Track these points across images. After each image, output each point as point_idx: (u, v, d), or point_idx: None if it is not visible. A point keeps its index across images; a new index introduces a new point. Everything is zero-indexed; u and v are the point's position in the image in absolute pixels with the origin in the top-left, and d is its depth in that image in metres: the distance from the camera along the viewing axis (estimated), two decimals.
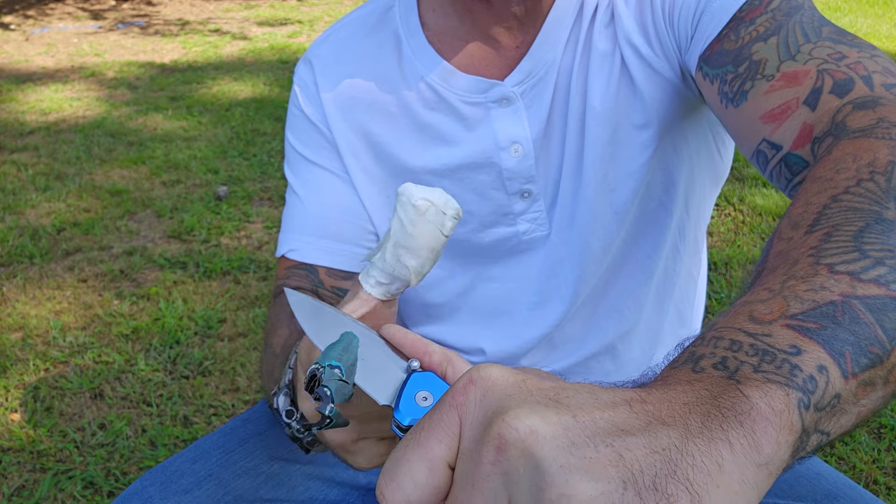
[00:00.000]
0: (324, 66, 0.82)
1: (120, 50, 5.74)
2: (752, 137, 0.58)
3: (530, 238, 0.79)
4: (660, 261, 0.81)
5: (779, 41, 0.58)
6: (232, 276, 2.33)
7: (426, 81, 0.77)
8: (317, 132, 0.82)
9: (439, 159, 0.78)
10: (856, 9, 7.17)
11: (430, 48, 0.77)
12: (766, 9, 0.61)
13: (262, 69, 5.03)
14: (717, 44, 0.64)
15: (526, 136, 0.75)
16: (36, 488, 1.50)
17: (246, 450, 0.75)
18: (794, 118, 0.54)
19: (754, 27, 0.60)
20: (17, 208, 2.83)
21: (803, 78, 0.55)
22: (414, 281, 0.48)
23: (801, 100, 0.54)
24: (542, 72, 0.74)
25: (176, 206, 2.84)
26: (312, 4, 7.67)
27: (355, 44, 0.82)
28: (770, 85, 0.57)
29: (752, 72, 0.58)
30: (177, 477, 0.70)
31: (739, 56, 0.60)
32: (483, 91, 0.75)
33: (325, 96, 0.81)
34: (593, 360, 0.84)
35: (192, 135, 3.69)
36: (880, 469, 1.54)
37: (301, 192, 0.82)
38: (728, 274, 2.30)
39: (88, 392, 1.79)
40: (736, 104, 0.59)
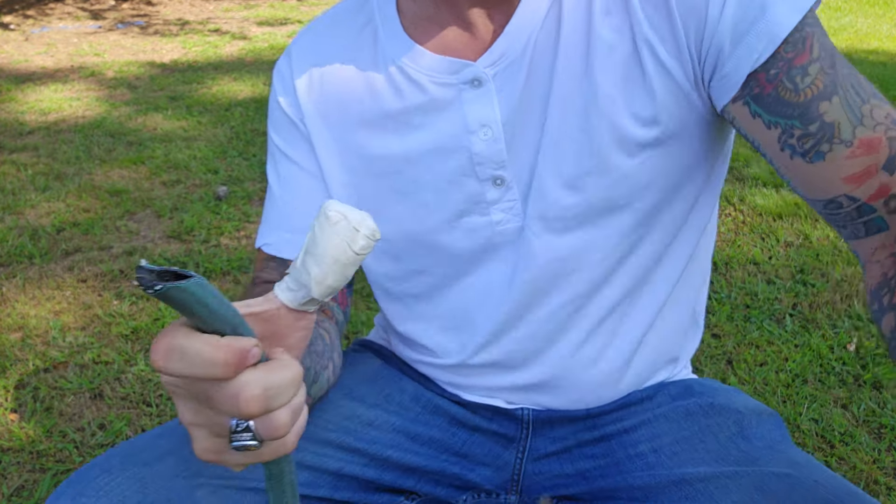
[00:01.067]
0: (301, 57, 0.83)
1: (119, 50, 5.74)
2: (828, 190, 0.66)
3: (504, 229, 0.78)
4: (650, 264, 0.80)
5: (842, 102, 0.65)
6: (232, 277, 2.32)
7: (397, 65, 0.77)
8: (291, 125, 0.83)
9: (407, 144, 0.78)
10: (856, 9, 7.17)
11: (403, 33, 0.77)
12: (812, 56, 0.66)
13: (262, 69, 5.03)
14: (767, 84, 0.66)
15: (496, 118, 0.74)
16: (35, 488, 1.50)
17: None
18: (874, 179, 0.64)
19: (812, 81, 0.65)
20: (16, 208, 2.82)
21: (878, 146, 0.64)
22: (316, 290, 0.48)
23: (879, 166, 0.64)
24: (516, 53, 0.73)
25: (176, 206, 2.84)
26: (312, 4, 7.67)
27: (333, 34, 0.82)
28: (850, 151, 0.64)
29: (826, 134, 0.65)
30: (138, 451, 0.71)
31: (807, 114, 0.65)
32: (454, 72, 0.74)
33: (301, 89, 0.82)
34: (569, 361, 0.83)
35: (191, 135, 3.69)
36: (881, 469, 1.54)
37: (275, 186, 0.85)
38: (728, 274, 2.30)
39: (88, 392, 1.79)
40: (810, 160, 0.66)
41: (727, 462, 0.76)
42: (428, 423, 0.87)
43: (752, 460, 0.75)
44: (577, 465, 0.85)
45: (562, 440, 0.86)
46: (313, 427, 0.81)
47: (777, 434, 0.80)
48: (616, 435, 0.84)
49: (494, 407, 0.87)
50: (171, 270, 0.41)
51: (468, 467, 0.87)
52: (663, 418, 0.84)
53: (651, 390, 0.87)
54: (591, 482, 0.84)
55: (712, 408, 0.83)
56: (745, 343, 1.95)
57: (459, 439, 0.88)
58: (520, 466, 0.87)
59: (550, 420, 0.86)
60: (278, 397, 0.46)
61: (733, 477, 0.73)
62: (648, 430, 0.83)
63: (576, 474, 0.85)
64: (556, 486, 0.86)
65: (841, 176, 0.65)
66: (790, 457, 0.75)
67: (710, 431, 0.80)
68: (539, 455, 0.87)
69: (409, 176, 0.79)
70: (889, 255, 0.65)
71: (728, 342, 1.95)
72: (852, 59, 5.05)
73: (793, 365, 1.86)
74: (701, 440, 0.80)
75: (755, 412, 0.83)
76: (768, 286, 2.22)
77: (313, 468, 0.79)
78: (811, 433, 1.64)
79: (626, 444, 0.83)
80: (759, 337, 1.98)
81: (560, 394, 0.84)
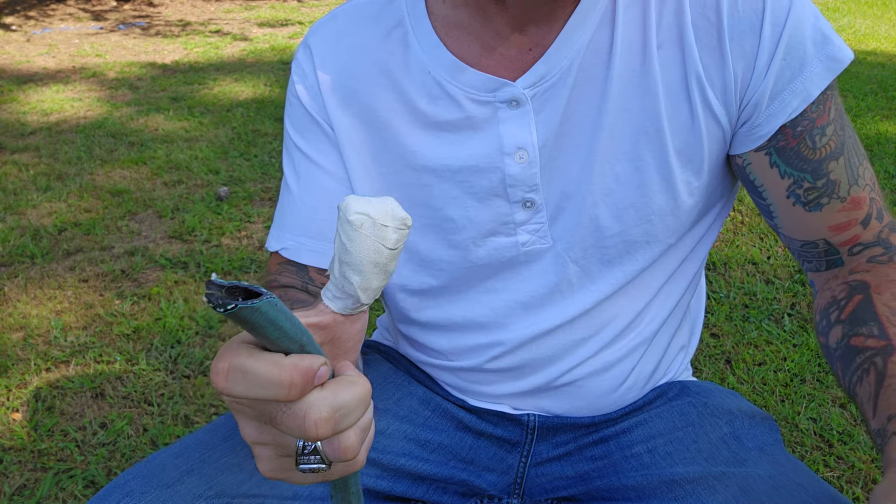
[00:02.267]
0: (323, 53, 0.79)
1: (121, 51, 5.75)
2: (811, 234, 0.76)
3: (530, 250, 0.77)
4: (667, 282, 0.82)
5: (846, 163, 0.73)
6: (233, 277, 2.33)
7: (432, 75, 0.74)
8: (314, 123, 0.79)
9: (441, 159, 0.75)
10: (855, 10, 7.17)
11: (436, 39, 0.74)
12: (830, 118, 0.72)
13: (263, 70, 5.04)
14: (792, 139, 0.71)
15: (532, 142, 0.73)
16: (37, 487, 1.51)
17: (230, 446, 0.74)
18: (851, 230, 0.75)
19: (827, 140, 0.72)
20: (18, 208, 2.83)
21: (863, 204, 0.74)
22: (363, 297, 0.46)
23: (859, 220, 0.74)
24: (556, 76, 0.71)
25: (177, 206, 2.85)
26: (313, 5, 7.67)
27: (357, 30, 0.78)
28: (842, 206, 0.74)
29: (829, 189, 0.73)
30: (159, 471, 0.70)
31: (819, 171, 0.73)
32: (492, 90, 0.72)
33: (325, 86, 0.78)
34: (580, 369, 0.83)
35: (193, 135, 3.69)
36: (879, 469, 1.54)
37: (294, 187, 0.81)
38: (727, 274, 2.31)
39: (89, 391, 1.80)
40: (808, 209, 0.74)
41: (716, 463, 0.76)
42: (437, 428, 0.87)
43: (741, 461, 0.76)
44: (577, 468, 0.86)
45: (564, 445, 0.87)
46: None
47: (769, 437, 0.81)
48: (614, 436, 0.85)
49: (500, 412, 0.87)
50: (241, 286, 0.39)
51: (475, 473, 0.87)
52: (658, 419, 0.84)
53: (652, 394, 0.88)
54: (589, 483, 0.84)
55: (706, 408, 0.84)
56: (743, 343, 1.96)
57: (466, 444, 0.88)
58: (523, 470, 0.88)
59: (555, 427, 0.86)
60: (347, 418, 0.44)
61: (720, 478, 0.74)
62: (644, 430, 0.84)
63: (575, 476, 0.86)
64: (555, 489, 0.87)
65: (828, 225, 0.74)
66: (777, 459, 0.76)
67: (702, 432, 0.81)
68: (541, 460, 0.87)
69: (437, 190, 0.77)
70: (841, 283, 0.75)
71: (727, 342, 1.96)
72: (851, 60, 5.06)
73: (791, 364, 1.86)
74: (693, 440, 0.80)
75: (748, 415, 0.84)
76: (767, 286, 2.22)
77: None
78: (809, 432, 1.65)
79: (623, 446, 0.84)
80: (757, 337, 1.98)
81: (565, 400, 0.85)
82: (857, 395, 0.67)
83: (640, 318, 0.82)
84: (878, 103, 4.00)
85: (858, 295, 0.72)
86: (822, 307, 0.75)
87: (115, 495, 0.67)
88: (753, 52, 0.69)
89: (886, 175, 3.01)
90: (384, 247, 0.44)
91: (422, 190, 0.77)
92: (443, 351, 0.86)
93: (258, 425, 0.46)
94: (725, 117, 0.72)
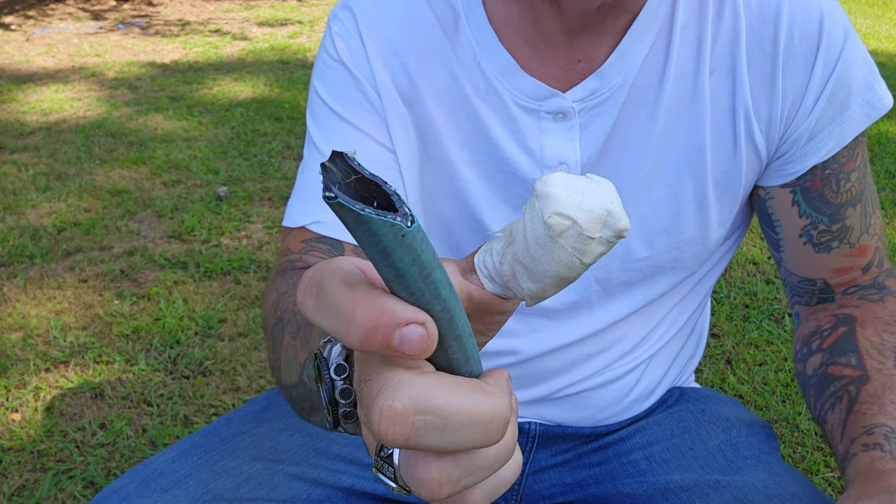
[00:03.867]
0: (371, 16, 0.72)
1: (120, 50, 5.75)
2: (814, 272, 0.76)
3: None
4: (678, 304, 0.82)
5: (862, 211, 0.73)
6: (232, 277, 2.33)
7: (482, 68, 0.70)
8: (356, 87, 0.71)
9: (478, 158, 0.72)
10: (855, 9, 7.17)
11: (491, 31, 0.69)
12: (856, 164, 0.72)
13: (263, 70, 5.04)
14: (820, 182, 0.71)
15: (575, 158, 0.70)
16: (36, 488, 1.51)
17: (227, 449, 0.74)
18: (851, 274, 0.75)
19: (850, 186, 0.72)
20: (17, 208, 2.83)
21: (868, 252, 0.75)
22: (529, 301, 0.35)
23: (861, 266, 0.75)
24: (607, 93, 0.69)
25: (176, 206, 2.85)
26: (313, 5, 7.67)
27: (404, 2, 0.72)
28: (850, 251, 0.74)
29: (842, 234, 0.73)
30: (156, 475, 0.69)
31: (837, 215, 0.73)
32: (541, 98, 0.69)
33: (371, 50, 0.71)
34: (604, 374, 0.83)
35: (192, 135, 3.69)
36: None
37: (328, 151, 0.71)
38: (727, 274, 2.30)
39: (89, 392, 1.80)
40: (818, 251, 0.74)
41: (712, 470, 0.76)
42: None
43: (736, 470, 0.75)
44: (576, 475, 0.86)
45: (563, 453, 0.87)
46: (326, 441, 0.79)
47: (766, 445, 0.80)
48: (613, 444, 0.85)
49: None
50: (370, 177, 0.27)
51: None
52: (657, 425, 0.84)
53: (655, 405, 0.88)
54: (586, 489, 0.84)
55: (704, 415, 0.84)
56: (744, 343, 1.96)
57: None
58: (521, 477, 0.87)
59: (555, 435, 0.86)
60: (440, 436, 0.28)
61: (715, 486, 0.73)
62: (642, 437, 0.84)
63: (573, 483, 0.86)
64: (552, 495, 0.87)
65: (832, 267, 0.75)
66: (773, 468, 0.76)
67: (699, 439, 0.81)
68: (540, 467, 0.87)
69: (472, 188, 0.73)
70: (829, 314, 0.76)
71: (727, 342, 1.96)
72: None
73: (792, 364, 1.86)
74: (690, 447, 0.80)
75: (746, 423, 0.83)
76: (767, 286, 2.22)
77: (327, 485, 0.77)
78: (810, 433, 1.64)
79: (621, 452, 0.83)
80: (758, 337, 1.98)
81: (568, 410, 0.84)
82: (827, 423, 0.67)
83: (649, 336, 0.82)
84: None
85: (843, 327, 0.73)
86: (805, 335, 0.76)
87: (112, 499, 0.67)
88: (803, 90, 0.68)
89: (887, 175, 3.01)
90: (581, 261, 0.32)
91: (457, 184, 0.73)
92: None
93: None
94: (765, 150, 0.71)
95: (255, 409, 0.81)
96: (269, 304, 0.68)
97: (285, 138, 3.61)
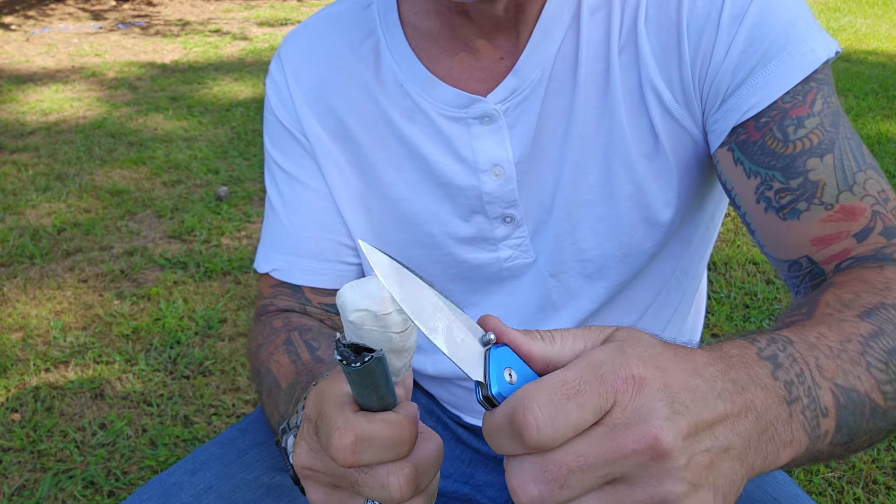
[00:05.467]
0: (296, 66, 0.77)
1: (120, 50, 5.75)
2: (792, 251, 0.64)
3: (513, 265, 0.75)
4: (659, 294, 0.79)
5: (834, 162, 0.62)
6: (232, 277, 2.33)
7: (404, 88, 0.72)
8: (292, 139, 0.77)
9: (415, 177, 0.74)
10: (855, 9, 7.17)
11: (409, 51, 0.72)
12: (812, 110, 0.62)
13: (263, 69, 5.04)
14: (755, 132, 0.63)
15: (508, 157, 0.71)
16: (36, 488, 1.51)
17: (245, 461, 0.74)
18: (839, 244, 0.62)
19: (805, 133, 0.62)
20: (17, 208, 2.83)
21: (860, 215, 0.61)
22: (397, 374, 0.47)
23: (851, 233, 0.61)
24: (527, 90, 0.69)
25: (176, 206, 2.85)
26: (312, 5, 7.67)
27: (329, 41, 0.76)
28: (828, 214, 0.61)
29: (807, 192, 0.62)
30: (176, 490, 0.69)
31: (792, 167, 0.62)
32: (464, 106, 0.70)
33: (298, 99, 0.76)
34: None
35: (192, 135, 3.69)
36: (879, 469, 1.54)
37: (278, 206, 0.79)
38: (728, 274, 2.30)
39: (89, 392, 1.80)
40: (783, 217, 0.63)
41: None
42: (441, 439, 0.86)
43: None
44: None
45: None
46: None
47: None
48: None
49: None
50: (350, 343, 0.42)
51: (476, 487, 0.87)
52: None
53: None
54: None
55: None
56: None
57: (467, 457, 0.87)
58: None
59: None
60: (424, 478, 0.44)
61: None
62: None
63: None
64: None
65: (810, 238, 0.63)
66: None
67: None
68: None
69: (416, 206, 0.75)
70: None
71: None
72: (851, 60, 5.06)
73: None
74: None
75: None
76: (767, 286, 2.22)
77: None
78: None
79: None
80: None
81: None
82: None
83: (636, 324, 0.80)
84: (878, 103, 4.00)
85: (815, 292, 0.62)
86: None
87: None
88: (710, 46, 0.64)
89: (887, 175, 3.01)
90: (394, 333, 0.43)
91: (399, 206, 0.76)
92: (426, 370, 0.84)
93: (328, 490, 0.46)
94: (689, 119, 0.68)
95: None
96: (251, 350, 0.77)
97: None
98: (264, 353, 0.72)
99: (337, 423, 0.42)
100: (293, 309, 0.78)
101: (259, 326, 0.77)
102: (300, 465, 0.44)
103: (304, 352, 0.69)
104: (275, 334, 0.73)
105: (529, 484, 0.36)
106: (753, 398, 0.40)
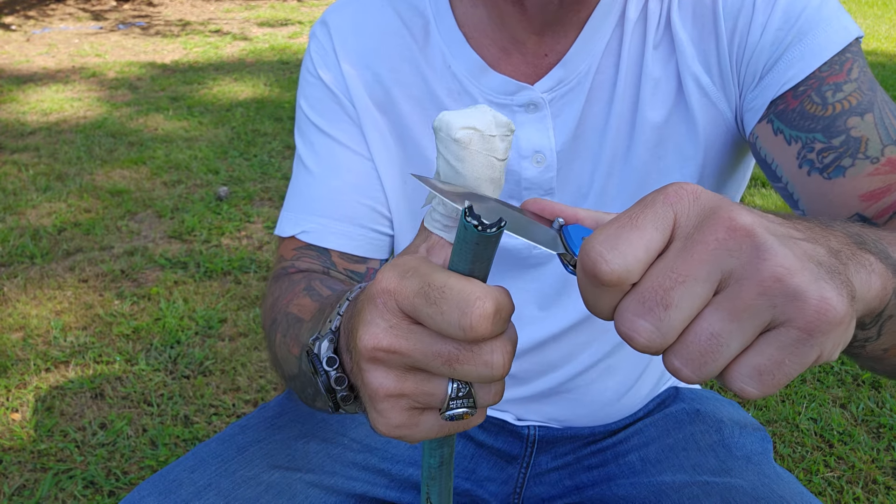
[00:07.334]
0: (343, 34, 0.77)
1: (121, 50, 5.75)
2: (841, 211, 0.63)
3: (541, 252, 0.76)
4: None
5: (875, 120, 0.62)
6: (232, 277, 2.33)
7: (452, 70, 0.74)
8: (335, 102, 0.77)
9: None
10: (855, 10, 7.17)
11: (460, 35, 0.73)
12: (849, 77, 0.64)
13: (263, 70, 5.04)
14: (793, 100, 0.65)
15: (550, 146, 0.73)
16: (37, 488, 1.51)
17: (245, 458, 0.74)
18: (890, 196, 0.61)
19: (844, 96, 0.63)
20: (17, 208, 2.83)
21: None
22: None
23: None
24: (574, 81, 0.71)
25: (177, 206, 2.85)
26: (313, 5, 7.67)
27: (379, 13, 0.77)
28: (875, 168, 0.61)
29: (851, 148, 0.62)
30: (175, 486, 0.69)
31: (833, 127, 0.62)
32: (511, 93, 0.72)
33: (345, 64, 0.76)
34: (589, 372, 0.83)
35: (192, 135, 3.69)
36: (879, 468, 1.54)
37: (314, 167, 0.77)
38: None
39: (89, 392, 1.80)
40: (827, 176, 0.63)
41: (702, 471, 0.76)
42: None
43: (726, 471, 0.75)
44: (576, 478, 0.86)
45: (563, 456, 0.87)
46: (341, 448, 0.80)
47: (758, 447, 0.81)
48: (611, 446, 0.85)
49: (502, 422, 0.87)
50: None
51: (478, 482, 0.87)
52: (653, 426, 0.85)
53: (651, 404, 0.88)
54: (583, 492, 0.85)
55: (697, 415, 0.84)
56: None
57: (469, 452, 0.88)
58: (522, 481, 0.88)
59: (555, 439, 0.86)
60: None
61: (703, 487, 0.74)
62: (639, 438, 0.84)
63: (572, 486, 0.86)
64: (552, 498, 0.87)
65: (859, 193, 0.62)
66: (763, 471, 0.76)
67: (692, 439, 0.81)
68: (541, 470, 0.87)
69: None
70: None
71: None
72: None
73: None
74: (683, 448, 0.80)
75: (739, 424, 0.83)
76: None
77: (342, 492, 0.77)
78: (810, 433, 1.65)
79: (619, 454, 0.84)
80: None
81: (568, 407, 0.84)
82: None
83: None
84: None
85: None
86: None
87: None
88: (747, 27, 0.67)
89: None
90: (496, 159, 0.41)
91: None
92: None
93: (400, 374, 0.40)
94: (724, 102, 0.70)
95: (269, 416, 0.81)
96: (266, 307, 0.74)
97: (285, 138, 3.61)
98: (283, 302, 0.70)
99: (474, 291, 0.37)
100: (315, 269, 0.76)
101: (276, 284, 0.75)
102: (377, 346, 0.39)
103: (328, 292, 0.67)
104: (294, 285, 0.71)
105: (636, 321, 0.34)
106: (825, 234, 0.38)
